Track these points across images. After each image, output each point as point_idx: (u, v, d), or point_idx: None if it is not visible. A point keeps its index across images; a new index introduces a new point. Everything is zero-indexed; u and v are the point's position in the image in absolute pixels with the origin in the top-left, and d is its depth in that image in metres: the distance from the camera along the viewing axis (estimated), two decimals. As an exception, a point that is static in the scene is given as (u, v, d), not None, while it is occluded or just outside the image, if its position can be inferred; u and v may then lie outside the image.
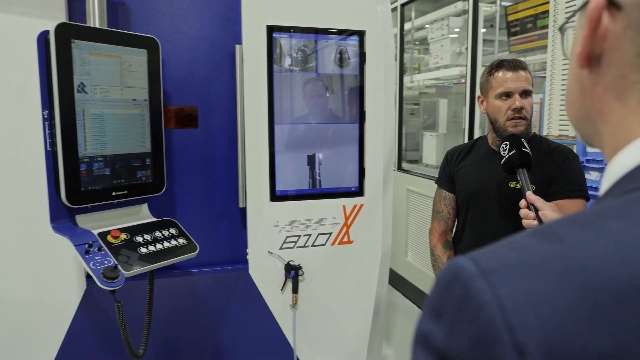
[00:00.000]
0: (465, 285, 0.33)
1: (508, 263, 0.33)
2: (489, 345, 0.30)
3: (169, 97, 1.75)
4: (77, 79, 1.38)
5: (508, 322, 0.30)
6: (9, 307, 1.63)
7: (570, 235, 0.34)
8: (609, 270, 0.31)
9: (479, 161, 1.71)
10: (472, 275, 0.33)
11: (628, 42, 0.40)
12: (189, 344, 1.94)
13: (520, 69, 1.55)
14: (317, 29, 1.83)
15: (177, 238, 1.60)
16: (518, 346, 0.30)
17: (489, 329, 0.31)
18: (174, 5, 1.73)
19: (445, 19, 4.94)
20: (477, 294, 0.32)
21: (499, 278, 0.32)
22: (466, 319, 0.32)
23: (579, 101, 0.47)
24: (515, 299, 0.31)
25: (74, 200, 1.41)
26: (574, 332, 0.29)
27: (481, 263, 0.33)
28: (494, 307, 0.31)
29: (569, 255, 0.32)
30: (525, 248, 0.34)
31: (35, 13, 1.52)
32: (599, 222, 0.34)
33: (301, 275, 1.93)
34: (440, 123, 5.41)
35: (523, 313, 0.30)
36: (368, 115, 1.92)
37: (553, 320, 0.30)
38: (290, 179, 1.89)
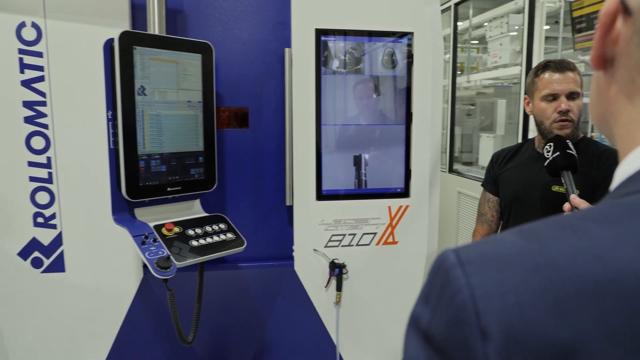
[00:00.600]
0: (445, 273, 0.36)
1: (484, 255, 0.36)
2: (459, 327, 0.34)
3: (222, 99, 1.84)
4: (137, 83, 1.49)
5: (476, 307, 0.33)
6: (74, 292, 1.78)
7: (547, 234, 0.36)
8: (576, 267, 0.33)
9: (523, 164, 1.67)
10: (452, 265, 0.36)
11: (635, 47, 0.41)
12: (236, 335, 2.02)
13: (567, 70, 1.50)
14: (365, 31, 1.86)
15: (226, 233, 1.68)
16: (482, 329, 0.33)
17: (460, 312, 0.34)
18: (227, 11, 1.81)
19: (504, 16, 4.78)
20: (453, 281, 0.35)
21: (474, 268, 0.35)
22: (444, 303, 0.36)
23: (597, 103, 0.48)
24: (485, 287, 0.34)
25: (133, 194, 1.53)
26: (534, 321, 0.32)
27: (461, 254, 0.36)
28: (466, 293, 0.34)
29: (541, 252, 0.34)
30: (503, 243, 0.37)
31: (103, 22, 1.65)
32: (580, 223, 0.36)
33: (345, 274, 1.96)
34: (498, 124, 5.24)
35: (490, 300, 0.33)
36: (415, 117, 1.92)
37: (516, 308, 0.33)
38: (337, 178, 1.92)
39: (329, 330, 2.00)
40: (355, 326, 2.01)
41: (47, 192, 1.72)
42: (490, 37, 4.96)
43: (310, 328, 2.00)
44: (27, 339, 1.79)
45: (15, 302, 1.76)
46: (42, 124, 1.67)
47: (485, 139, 5.15)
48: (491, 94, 5.84)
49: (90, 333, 1.82)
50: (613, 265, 0.33)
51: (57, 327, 1.80)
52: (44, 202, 1.72)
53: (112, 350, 1.84)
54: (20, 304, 1.76)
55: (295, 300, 1.97)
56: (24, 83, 1.64)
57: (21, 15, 1.60)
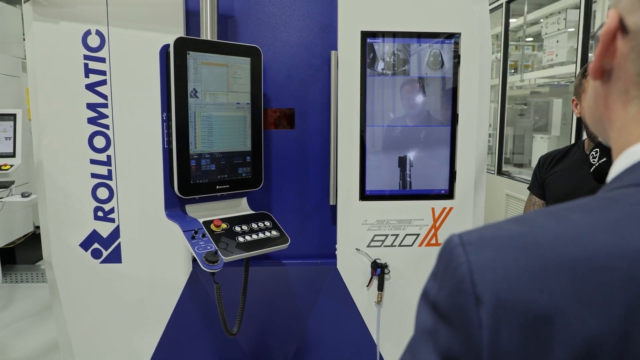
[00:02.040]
0: (450, 252, 0.43)
1: (482, 237, 0.43)
2: (458, 295, 0.41)
3: (269, 100, 1.90)
4: (190, 86, 1.57)
5: (472, 279, 0.40)
6: (129, 282, 1.90)
7: (536, 221, 0.43)
8: (557, 248, 0.40)
9: (571, 167, 1.61)
10: (455, 245, 0.43)
11: (630, 62, 0.47)
12: (278, 330, 2.08)
13: None
14: (411, 32, 1.86)
15: (271, 230, 1.73)
16: (477, 296, 0.40)
17: (459, 283, 0.41)
18: (276, 15, 1.87)
19: (562, 12, 4.59)
20: (456, 258, 0.42)
21: (473, 248, 0.42)
22: (448, 276, 0.43)
23: (594, 108, 0.53)
24: (480, 262, 0.41)
25: (185, 191, 1.61)
26: (518, 290, 0.39)
27: (463, 237, 0.43)
28: (464, 267, 0.41)
29: (529, 235, 0.41)
30: (499, 228, 0.44)
31: (160, 28, 1.75)
32: (565, 213, 0.43)
33: (387, 274, 1.97)
34: (553, 124, 5.05)
35: (484, 273, 0.40)
36: (461, 118, 1.91)
37: (504, 280, 0.40)
38: (381, 179, 1.94)
39: (369, 329, 2.02)
40: (395, 326, 2.01)
41: (106, 188, 1.84)
42: (546, 33, 4.78)
43: (351, 326, 2.02)
44: (87, 325, 1.92)
45: (76, 290, 1.90)
46: (103, 125, 1.80)
47: (539, 140, 4.97)
48: (546, 93, 5.62)
49: (142, 321, 1.94)
50: (589, 246, 0.39)
51: (113, 315, 1.92)
52: (104, 197, 1.85)
53: (162, 338, 1.95)
54: (81, 292, 1.90)
55: (337, 298, 2.00)
56: (88, 86, 1.77)
57: (87, 24, 1.73)
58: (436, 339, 0.42)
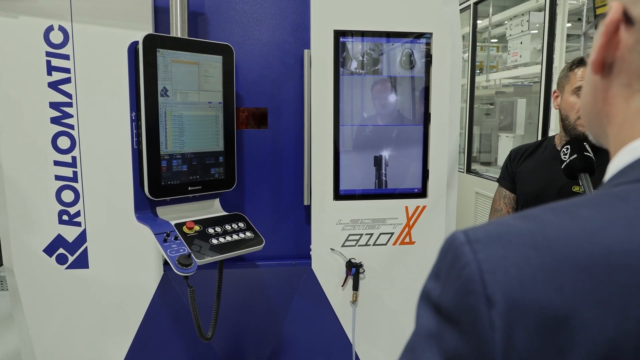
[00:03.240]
0: (455, 250, 0.41)
1: (489, 235, 0.41)
2: (467, 295, 0.39)
3: (241, 99, 1.87)
4: (160, 84, 1.53)
5: (482, 278, 0.38)
6: (97, 288, 1.83)
7: (544, 217, 0.41)
8: (570, 245, 0.38)
9: (542, 162, 1.65)
10: (461, 243, 0.41)
11: (636, 55, 0.45)
12: (253, 332, 2.05)
13: None
14: (384, 32, 1.86)
15: (245, 231, 1.71)
16: (488, 296, 0.38)
17: (468, 283, 0.39)
18: (248, 13, 1.84)
19: (525, 14, 4.73)
20: (462, 256, 0.40)
21: (481, 245, 0.40)
22: (454, 276, 0.40)
23: (591, 103, 0.52)
24: (490, 261, 0.39)
25: (155, 193, 1.56)
26: (532, 290, 0.37)
27: (469, 234, 0.41)
28: (473, 266, 0.39)
29: (539, 232, 0.39)
30: (506, 225, 0.41)
31: (127, 25, 1.69)
32: (573, 208, 0.41)
33: (362, 273, 1.97)
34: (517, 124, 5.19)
35: (495, 272, 0.38)
36: (433, 117, 1.92)
37: (517, 279, 0.37)
38: (355, 178, 1.94)
39: (345, 329, 2.01)
40: (371, 325, 2.02)
41: (72, 191, 1.77)
42: (510, 35, 4.91)
43: (326, 327, 2.02)
44: (52, 333, 1.84)
45: (40, 297, 1.82)
46: (68, 125, 1.73)
47: (504, 139, 5.10)
48: (511, 93, 5.78)
49: (112, 328, 1.87)
50: (603, 243, 0.37)
51: (80, 322, 1.85)
52: (69, 200, 1.77)
53: (133, 345, 1.89)
54: (46, 299, 1.82)
55: (312, 298, 1.99)
56: (51, 85, 1.69)
57: (49, 19, 1.66)
58: (441, 342, 0.40)
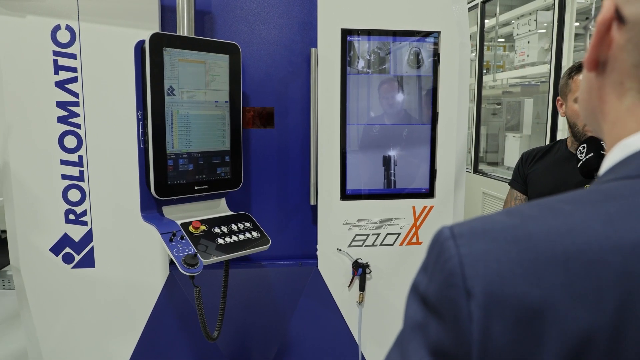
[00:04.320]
0: (441, 245, 0.42)
1: (473, 230, 0.42)
2: (448, 288, 0.40)
3: (248, 99, 1.86)
4: (167, 83, 1.52)
5: (463, 272, 0.40)
6: (103, 287, 1.83)
7: (528, 213, 0.42)
8: (549, 240, 0.39)
9: (555, 163, 1.64)
10: (446, 238, 0.42)
11: (627, 54, 0.45)
12: (259, 332, 2.04)
13: None
14: (391, 30, 1.85)
15: (252, 231, 1.70)
16: (467, 289, 0.39)
17: (449, 276, 0.40)
18: (254, 12, 1.83)
19: (533, 13, 4.69)
20: (446, 250, 0.41)
21: (464, 240, 0.41)
22: (438, 269, 0.42)
23: (587, 100, 0.52)
24: (472, 255, 0.40)
25: (162, 192, 1.56)
26: (510, 283, 0.38)
27: (454, 229, 0.43)
28: (455, 260, 0.40)
29: (521, 227, 0.40)
30: (491, 220, 0.42)
31: (133, 24, 1.69)
32: (558, 205, 0.42)
33: (368, 274, 1.96)
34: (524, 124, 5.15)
35: (475, 266, 0.39)
36: (441, 117, 1.91)
37: (496, 272, 0.39)
38: (361, 178, 1.92)
39: (351, 329, 2.00)
40: (377, 326, 2.00)
41: (78, 190, 1.77)
42: (517, 34, 4.88)
43: (332, 327, 2.00)
44: (58, 332, 1.84)
45: (47, 296, 1.82)
46: (74, 124, 1.72)
47: (511, 139, 5.06)
48: (518, 93, 5.74)
49: (118, 327, 1.87)
50: (581, 239, 0.38)
51: (86, 322, 1.85)
52: (75, 199, 1.77)
53: (138, 344, 1.89)
54: (52, 298, 1.82)
55: (319, 299, 1.98)
56: (58, 84, 1.69)
57: (56, 19, 1.66)
58: (425, 333, 0.42)
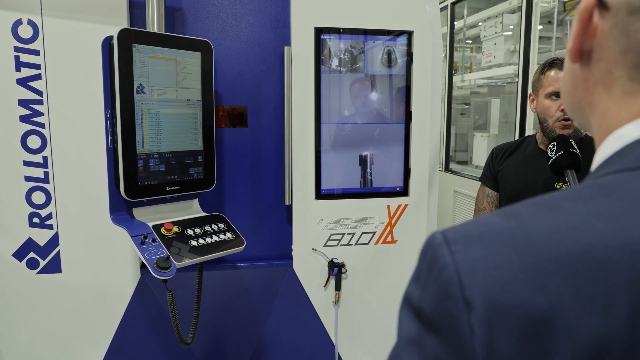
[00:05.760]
0: (433, 252, 0.39)
1: (468, 234, 0.39)
2: (445, 300, 0.37)
3: (220, 97, 1.82)
4: (136, 81, 1.48)
5: (460, 281, 0.36)
6: (71, 293, 1.76)
7: (526, 213, 0.39)
8: (552, 242, 0.36)
9: (525, 160, 1.67)
10: (439, 244, 0.39)
11: (613, 40, 0.43)
12: (234, 335, 2.01)
13: None
14: (365, 29, 1.85)
15: (226, 232, 1.67)
16: (466, 300, 0.36)
17: (446, 286, 0.37)
18: (226, 9, 1.80)
19: (499, 16, 4.80)
20: (440, 258, 0.38)
21: (458, 246, 0.38)
22: (432, 278, 0.38)
23: (572, 93, 0.50)
24: (468, 263, 0.37)
25: (132, 194, 1.51)
26: (513, 291, 0.35)
27: (447, 234, 0.39)
28: (451, 269, 0.37)
29: (520, 229, 0.37)
30: (485, 223, 0.39)
31: (100, 20, 1.63)
32: (556, 202, 0.40)
33: (344, 273, 1.95)
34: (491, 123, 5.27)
35: (473, 274, 0.36)
36: (414, 116, 1.92)
37: (497, 280, 0.35)
38: (336, 177, 1.92)
39: (327, 329, 1.99)
40: (354, 326, 2.00)
41: (43, 192, 1.70)
42: (484, 36, 4.99)
43: (308, 328, 1.99)
44: (23, 341, 1.76)
45: (10, 304, 1.74)
46: (38, 123, 1.65)
47: (479, 138, 5.17)
48: (485, 93, 5.87)
49: (87, 334, 1.80)
50: (585, 239, 0.36)
51: (53, 329, 1.77)
52: (39, 202, 1.70)
53: (109, 352, 1.82)
54: (16, 306, 1.74)
55: (294, 299, 1.96)
56: (19, 81, 1.62)
57: (17, 13, 1.58)
58: (422, 349, 0.38)
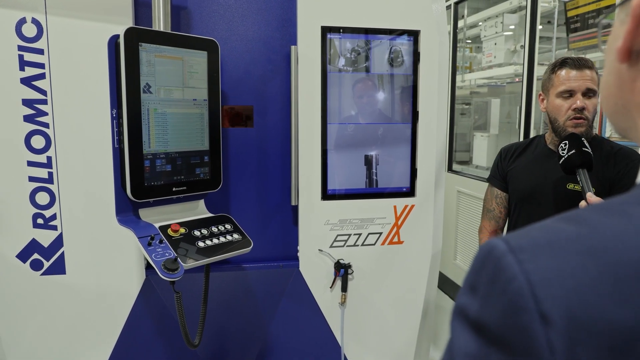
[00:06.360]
0: (496, 261, 0.36)
1: (535, 242, 0.36)
2: (517, 314, 0.34)
3: (226, 97, 1.81)
4: (143, 80, 1.46)
5: (534, 293, 0.34)
6: (75, 295, 1.74)
7: (594, 218, 0.37)
8: (629, 250, 0.34)
9: (534, 160, 1.65)
10: (503, 253, 0.36)
11: None
12: (239, 336, 1.99)
13: (585, 68, 1.49)
14: (371, 29, 1.84)
15: (233, 233, 1.65)
16: (543, 314, 0.33)
17: (517, 299, 0.34)
18: (232, 8, 1.78)
19: (499, 16, 4.80)
20: (507, 268, 0.35)
21: (527, 255, 0.35)
22: (497, 291, 0.36)
23: (616, 94, 0.48)
24: (541, 273, 0.34)
25: (138, 194, 1.49)
26: (596, 305, 0.32)
27: (511, 242, 0.37)
28: (521, 279, 0.34)
29: (592, 236, 0.35)
30: (552, 230, 0.37)
31: (105, 18, 1.61)
32: (623, 207, 0.37)
33: (350, 274, 1.94)
34: (492, 123, 5.26)
35: (548, 286, 0.33)
36: (421, 115, 1.91)
37: (576, 293, 0.33)
38: (343, 178, 1.90)
39: (333, 331, 1.98)
40: (360, 326, 1.99)
41: (47, 193, 1.68)
42: (484, 36, 4.98)
43: (314, 329, 1.98)
44: (26, 343, 1.74)
45: (14, 306, 1.72)
46: (42, 123, 1.63)
47: (479, 138, 5.16)
48: (485, 93, 5.86)
49: (91, 336, 1.78)
50: None
51: (57, 331, 1.75)
52: (44, 202, 1.68)
53: (113, 354, 1.80)
54: (19, 307, 1.72)
55: (300, 301, 1.94)
56: (23, 81, 1.60)
57: (21, 11, 1.56)
58: None
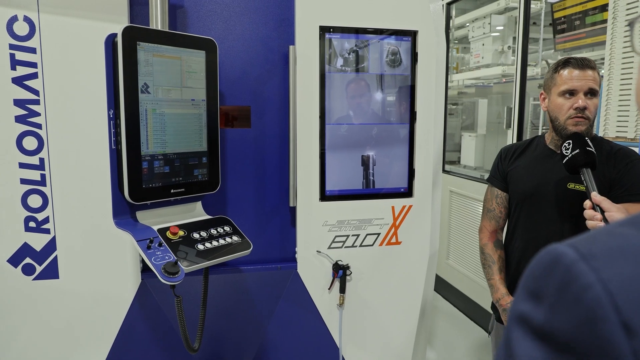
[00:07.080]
0: (567, 269, 0.35)
1: (608, 249, 0.35)
2: (595, 324, 0.32)
3: (223, 97, 1.78)
4: (141, 80, 1.43)
5: (614, 302, 0.32)
6: (69, 300, 1.70)
7: None
8: None
9: (535, 160, 1.66)
10: (573, 260, 0.35)
11: None
12: (237, 338, 1.97)
13: (588, 68, 1.50)
14: (370, 29, 1.83)
15: (232, 236, 1.63)
16: (626, 324, 0.32)
17: (595, 308, 0.33)
18: (230, 7, 1.76)
19: (487, 17, 4.84)
20: (580, 276, 0.34)
21: (601, 262, 0.34)
22: (570, 299, 0.34)
23: None
24: (619, 281, 0.33)
25: (136, 197, 1.46)
26: None
27: (581, 249, 0.35)
28: (598, 288, 0.33)
29: None
30: (622, 235, 0.36)
31: (100, 17, 1.57)
32: None
33: (349, 275, 1.93)
34: (479, 123, 5.31)
35: (629, 294, 0.32)
36: (419, 116, 1.91)
37: None
38: (341, 179, 1.89)
39: (332, 332, 1.97)
40: (358, 327, 1.98)
41: (39, 195, 1.63)
42: (472, 37, 5.03)
43: (313, 331, 1.96)
44: (19, 350, 1.69)
45: (5, 312, 1.67)
46: (35, 124, 1.59)
47: (467, 138, 5.21)
48: (472, 93, 5.92)
49: (85, 342, 1.74)
50: None
51: (50, 337, 1.71)
52: (36, 205, 1.63)
53: (108, 359, 1.76)
54: (11, 313, 1.67)
55: (298, 303, 1.93)
56: (15, 80, 1.55)
57: (13, 9, 1.52)
58: None
